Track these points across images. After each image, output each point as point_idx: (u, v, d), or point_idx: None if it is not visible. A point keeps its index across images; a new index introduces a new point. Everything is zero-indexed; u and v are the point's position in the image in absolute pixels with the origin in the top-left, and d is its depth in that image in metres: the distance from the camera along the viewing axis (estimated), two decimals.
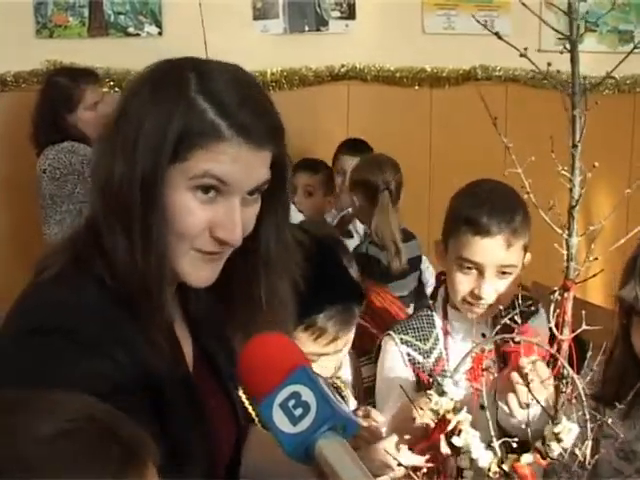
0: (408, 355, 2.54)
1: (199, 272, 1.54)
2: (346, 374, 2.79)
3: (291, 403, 1.24)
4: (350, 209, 4.91)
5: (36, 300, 1.51)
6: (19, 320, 1.49)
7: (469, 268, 2.41)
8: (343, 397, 2.35)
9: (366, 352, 2.86)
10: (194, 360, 1.67)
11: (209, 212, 1.49)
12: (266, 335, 1.43)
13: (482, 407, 1.73)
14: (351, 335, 2.20)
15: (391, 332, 2.61)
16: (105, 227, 1.50)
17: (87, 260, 1.51)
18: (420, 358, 2.52)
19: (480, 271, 2.39)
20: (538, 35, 5.34)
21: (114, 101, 1.64)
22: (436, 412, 1.69)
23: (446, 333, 2.53)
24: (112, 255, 1.48)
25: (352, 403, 2.38)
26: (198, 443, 1.56)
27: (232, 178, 1.48)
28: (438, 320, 2.56)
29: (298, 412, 1.23)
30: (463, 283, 2.43)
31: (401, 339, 2.55)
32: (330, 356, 2.14)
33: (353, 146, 5.27)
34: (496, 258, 2.37)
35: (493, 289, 2.40)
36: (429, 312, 2.61)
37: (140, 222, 1.46)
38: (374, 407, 2.38)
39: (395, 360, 2.56)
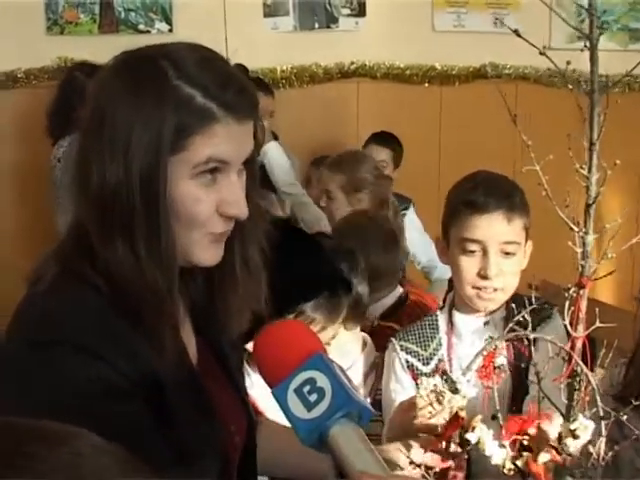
0: (407, 362, 2.53)
1: (209, 253, 1.54)
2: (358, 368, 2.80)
3: (306, 389, 1.23)
4: None
5: (34, 313, 1.50)
6: (20, 333, 1.48)
7: (472, 251, 2.42)
8: None
9: None
10: (198, 351, 1.67)
11: (214, 194, 1.49)
12: (281, 321, 1.42)
13: (494, 417, 1.72)
14: (338, 329, 2.23)
15: (393, 339, 2.60)
16: (100, 236, 1.47)
17: (77, 270, 1.49)
18: (419, 365, 2.52)
19: (484, 250, 2.41)
20: (548, 33, 5.34)
21: None
22: (449, 410, 1.69)
23: (450, 337, 2.52)
24: (110, 263, 1.46)
25: None
26: (207, 442, 1.55)
27: (230, 156, 1.49)
28: (443, 324, 2.56)
29: (313, 398, 1.23)
30: (469, 265, 2.43)
31: (401, 346, 2.54)
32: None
33: (383, 138, 5.27)
34: (498, 234, 2.39)
35: (499, 269, 2.40)
36: (434, 316, 2.60)
37: (144, 224, 1.45)
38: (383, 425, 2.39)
39: (395, 367, 2.56)
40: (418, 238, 4.67)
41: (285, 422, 1.29)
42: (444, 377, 1.75)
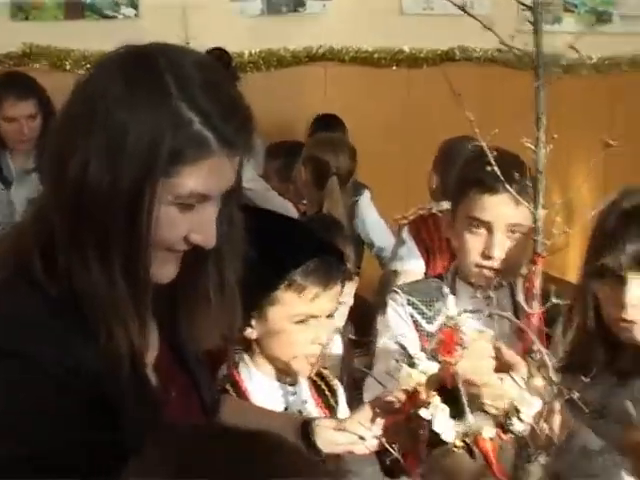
0: (412, 317, 2.53)
1: (164, 269, 1.49)
2: (337, 348, 2.80)
3: None
4: None
5: None
6: None
7: (478, 230, 2.43)
8: (331, 387, 2.34)
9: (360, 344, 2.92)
10: (160, 347, 1.63)
11: (188, 220, 1.45)
12: None
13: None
14: (336, 301, 2.20)
15: (399, 290, 2.60)
16: (69, 243, 1.42)
17: (29, 269, 1.43)
18: (423, 322, 2.51)
19: (489, 230, 2.41)
20: (517, 15, 5.34)
21: None
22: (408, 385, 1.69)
23: (460, 313, 2.51)
24: (77, 279, 1.42)
25: (341, 393, 2.36)
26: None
27: (213, 190, 1.44)
28: (447, 291, 2.54)
29: None
30: (474, 243, 2.44)
31: (408, 300, 2.54)
32: (319, 320, 2.12)
33: (327, 123, 5.28)
34: (505, 215, 2.39)
35: (503, 249, 2.41)
36: (438, 281, 2.61)
37: (123, 242, 1.40)
38: (361, 400, 2.32)
39: (400, 319, 2.55)
40: (375, 223, 4.69)
41: None
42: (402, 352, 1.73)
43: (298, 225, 2.39)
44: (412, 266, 3.66)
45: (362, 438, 1.82)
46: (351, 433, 1.83)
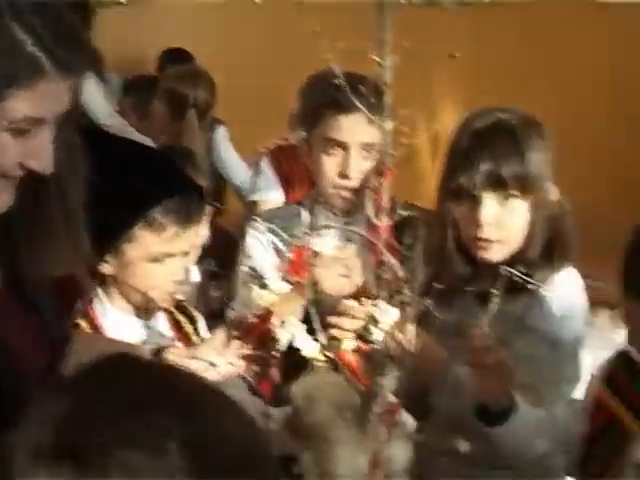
0: (273, 244, 2.57)
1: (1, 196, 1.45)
2: (195, 278, 2.79)
3: None
4: None
5: None
6: None
7: (334, 148, 2.49)
8: (191, 317, 2.32)
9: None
10: (2, 282, 1.57)
11: (21, 145, 1.41)
12: None
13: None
14: (196, 238, 2.18)
15: (257, 218, 2.64)
16: None
17: None
18: (284, 249, 2.51)
19: (345, 150, 2.47)
20: None
21: None
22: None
23: (312, 231, 2.54)
24: None
25: (201, 323, 2.35)
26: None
27: (47, 113, 1.41)
28: (306, 215, 2.59)
29: None
30: (330, 164, 2.49)
31: (268, 227, 2.58)
32: (176, 258, 2.09)
33: (178, 57, 5.22)
34: (359, 134, 2.45)
35: (359, 168, 2.46)
36: (297, 207, 2.65)
37: None
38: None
39: (260, 245, 2.59)
40: (231, 158, 4.67)
41: None
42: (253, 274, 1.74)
43: (158, 157, 2.33)
44: (271, 196, 3.71)
45: (213, 364, 1.82)
46: (203, 360, 1.83)
